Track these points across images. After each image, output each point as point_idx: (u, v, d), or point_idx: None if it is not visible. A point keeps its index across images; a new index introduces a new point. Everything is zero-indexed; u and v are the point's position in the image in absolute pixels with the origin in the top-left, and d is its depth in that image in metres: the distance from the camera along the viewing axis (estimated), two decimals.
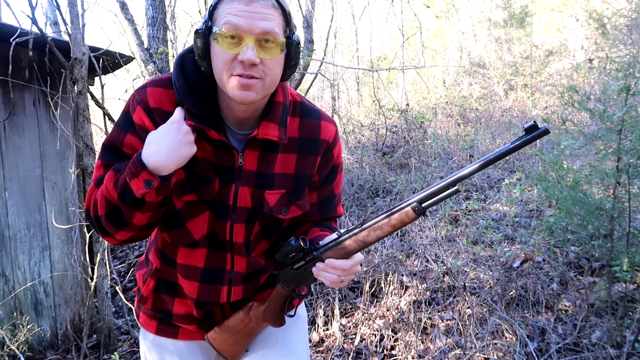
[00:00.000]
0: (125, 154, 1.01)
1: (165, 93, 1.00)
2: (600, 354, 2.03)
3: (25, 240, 2.87)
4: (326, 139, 1.09)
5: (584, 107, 2.19)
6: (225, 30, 0.88)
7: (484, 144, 5.71)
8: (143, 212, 0.95)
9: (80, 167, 3.00)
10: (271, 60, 0.92)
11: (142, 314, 1.21)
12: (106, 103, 3.29)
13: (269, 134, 0.99)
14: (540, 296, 2.55)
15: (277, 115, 1.01)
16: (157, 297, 1.15)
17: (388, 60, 10.81)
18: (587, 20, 6.85)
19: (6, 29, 2.58)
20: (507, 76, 8.47)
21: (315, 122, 1.09)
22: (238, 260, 1.09)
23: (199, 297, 1.09)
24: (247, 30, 0.88)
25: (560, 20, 9.62)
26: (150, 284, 1.14)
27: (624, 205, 2.12)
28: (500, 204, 3.92)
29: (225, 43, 0.89)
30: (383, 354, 2.47)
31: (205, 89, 0.99)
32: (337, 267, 1.00)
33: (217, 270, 1.09)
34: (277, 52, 0.92)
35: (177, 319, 1.15)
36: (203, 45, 0.93)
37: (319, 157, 1.09)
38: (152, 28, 4.23)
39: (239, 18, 0.88)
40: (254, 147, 1.02)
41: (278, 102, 1.02)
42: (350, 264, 1.00)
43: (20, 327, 2.65)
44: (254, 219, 1.06)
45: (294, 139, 1.06)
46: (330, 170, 1.14)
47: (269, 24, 0.89)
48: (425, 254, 3.20)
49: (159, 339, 1.19)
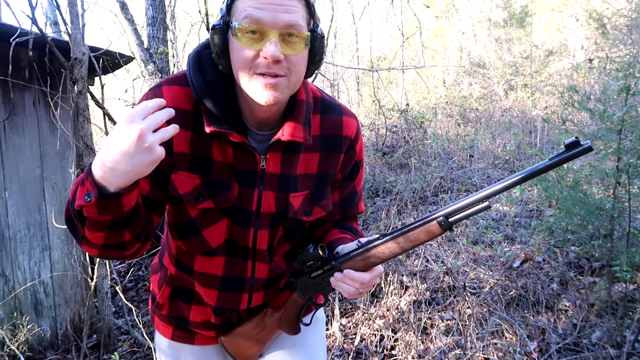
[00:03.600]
0: None
1: (182, 91, 0.92)
2: (600, 354, 2.03)
3: (25, 240, 2.87)
4: (349, 135, 1.04)
5: (584, 107, 2.19)
6: (246, 24, 0.81)
7: (484, 144, 5.71)
8: (90, 230, 0.80)
9: (80, 167, 3.00)
10: (296, 56, 0.85)
11: (157, 318, 1.16)
12: (106, 103, 3.29)
13: (294, 136, 0.92)
14: (540, 296, 2.55)
15: (302, 114, 0.95)
16: (173, 304, 1.11)
17: (388, 60, 10.81)
18: (587, 20, 6.85)
19: (6, 29, 2.58)
20: (507, 76, 8.47)
21: (337, 117, 1.03)
22: (259, 267, 1.04)
23: (218, 304, 1.05)
24: (270, 24, 0.81)
25: (560, 20, 9.62)
26: (166, 291, 1.09)
27: (624, 205, 2.12)
28: (500, 204, 3.92)
29: (246, 39, 0.82)
30: (383, 354, 2.47)
31: (224, 88, 0.92)
32: (355, 279, 0.94)
33: (237, 278, 1.04)
34: (302, 47, 0.85)
35: (194, 326, 1.11)
36: (221, 42, 0.86)
37: (342, 154, 1.04)
38: (152, 28, 4.23)
39: (260, 11, 0.80)
40: (277, 149, 0.95)
41: (301, 100, 0.96)
42: (369, 278, 0.95)
43: (20, 327, 2.65)
44: (278, 223, 1.02)
45: (316, 137, 1.00)
46: (353, 167, 1.08)
47: (293, 16, 0.82)
48: (425, 254, 3.20)
49: (175, 344, 1.15)
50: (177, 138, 0.92)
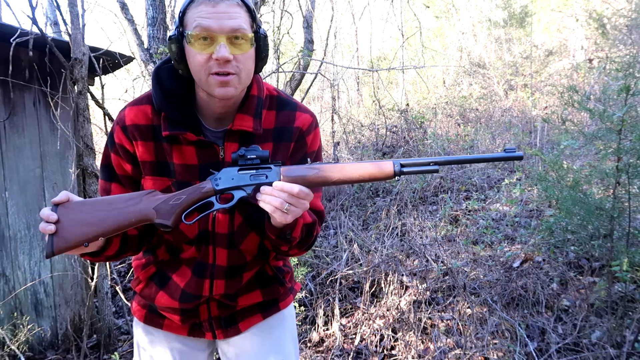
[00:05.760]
0: (116, 172, 1.11)
1: (140, 109, 1.08)
2: (600, 354, 2.03)
3: (26, 240, 2.87)
4: (300, 127, 1.12)
5: (584, 107, 2.19)
6: (197, 32, 0.93)
7: (484, 144, 5.71)
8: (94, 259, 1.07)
9: (80, 167, 3.00)
10: (243, 55, 0.97)
11: (134, 303, 1.26)
12: (106, 103, 3.29)
13: (243, 125, 1.04)
14: (540, 296, 2.55)
15: (252, 107, 1.07)
16: (148, 284, 1.18)
17: (388, 60, 10.81)
18: (587, 20, 6.86)
19: (6, 29, 2.58)
20: (507, 76, 8.47)
21: (290, 113, 1.13)
22: (219, 253, 1.11)
23: (186, 288, 1.12)
24: (217, 30, 0.93)
25: (560, 20, 9.62)
26: (150, 271, 1.18)
27: (623, 205, 2.12)
28: (500, 204, 3.92)
29: (199, 44, 0.94)
30: (383, 354, 2.47)
31: (181, 96, 1.05)
32: (284, 190, 0.92)
33: (201, 264, 1.12)
34: (248, 46, 0.97)
35: (160, 309, 1.18)
36: (178, 50, 0.99)
37: (292, 143, 1.12)
38: (152, 28, 4.23)
39: (208, 20, 0.93)
40: (232, 140, 1.07)
41: (253, 95, 1.08)
42: (298, 190, 0.93)
43: (20, 327, 2.65)
44: (234, 207, 1.08)
45: (270, 130, 1.10)
46: (303, 156, 1.14)
47: (236, 21, 0.94)
48: (425, 254, 3.20)
49: (148, 328, 1.23)
50: (140, 150, 1.07)
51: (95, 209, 0.97)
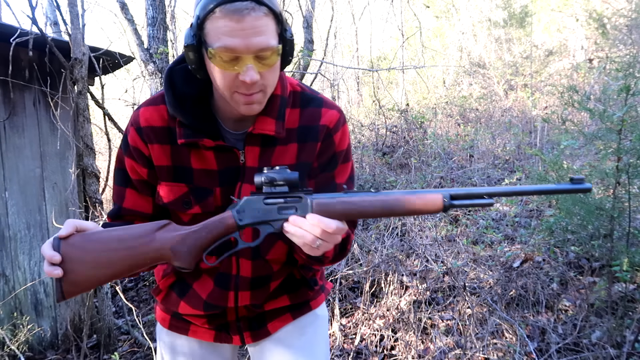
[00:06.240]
0: (129, 176, 1.04)
1: (155, 110, 1.01)
2: (600, 354, 2.03)
3: (26, 240, 2.87)
4: (326, 124, 1.04)
5: (584, 107, 2.19)
6: (222, 52, 0.85)
7: (484, 144, 5.71)
8: None
9: (80, 167, 3.00)
10: (269, 71, 0.90)
11: (158, 308, 1.21)
12: (106, 103, 3.29)
13: (265, 129, 0.97)
14: (540, 296, 2.55)
15: (274, 109, 0.99)
16: (168, 294, 1.13)
17: (388, 60, 10.81)
18: (587, 20, 6.86)
19: (6, 29, 2.58)
20: (507, 76, 8.47)
21: (316, 110, 1.04)
22: (243, 264, 1.05)
23: (209, 300, 1.08)
24: (244, 51, 0.85)
25: (560, 20, 9.62)
26: (169, 280, 1.12)
27: (624, 205, 2.12)
28: (500, 204, 3.92)
29: (223, 64, 0.87)
30: (383, 354, 2.47)
31: (195, 99, 0.98)
32: (319, 225, 0.82)
33: (224, 275, 1.06)
34: (275, 59, 0.89)
35: (185, 316, 1.14)
36: (196, 59, 0.91)
37: (318, 143, 1.04)
38: (152, 28, 4.23)
39: (233, 40, 0.84)
40: (253, 143, 1.00)
41: (276, 95, 1.00)
42: (335, 227, 0.83)
43: (20, 327, 2.65)
44: None
45: (294, 130, 1.03)
46: (331, 157, 1.06)
47: (264, 38, 0.85)
48: (425, 254, 3.20)
49: (172, 334, 1.18)
50: (156, 153, 1.00)
51: (106, 247, 0.86)
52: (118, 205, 1.06)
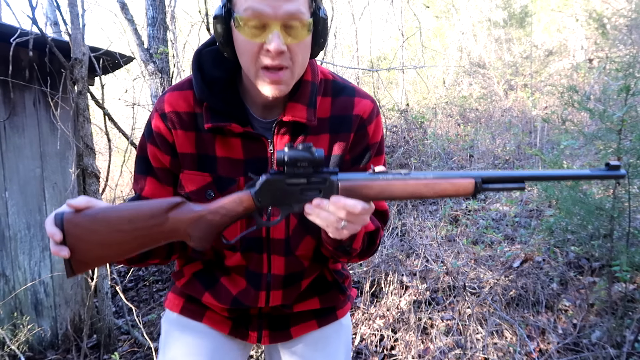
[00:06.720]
0: (151, 164, 0.99)
1: (181, 95, 0.96)
2: (600, 354, 2.03)
3: (26, 240, 2.87)
4: (360, 114, 0.98)
5: (584, 107, 2.19)
6: (248, 16, 0.81)
7: (484, 144, 5.71)
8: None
9: (80, 167, 3.00)
10: (298, 45, 0.84)
11: (170, 293, 1.13)
12: (106, 103, 3.28)
13: (295, 116, 0.92)
14: (540, 296, 2.55)
15: (305, 95, 0.94)
16: (192, 280, 1.07)
17: (388, 60, 10.81)
18: (587, 20, 6.86)
19: (6, 29, 2.58)
20: (507, 76, 8.48)
21: (348, 99, 0.99)
22: (275, 261, 1.00)
23: (238, 296, 1.03)
24: (271, 15, 0.80)
25: (560, 20, 9.62)
26: (195, 267, 1.07)
27: (623, 205, 2.12)
28: (500, 204, 3.92)
29: (249, 31, 0.82)
30: (383, 354, 2.47)
31: (224, 83, 0.94)
32: (344, 207, 0.78)
33: (254, 274, 1.01)
34: (305, 33, 0.83)
35: (206, 303, 1.08)
36: (224, 32, 0.86)
37: (351, 134, 0.98)
38: (152, 28, 4.23)
39: (261, 3, 0.80)
40: (283, 132, 0.95)
41: (306, 81, 0.95)
42: (361, 208, 0.78)
43: (20, 327, 2.65)
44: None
45: (326, 119, 0.97)
46: (364, 149, 1.01)
47: (294, 5, 0.80)
48: (425, 254, 3.20)
49: (183, 319, 1.09)
50: (180, 140, 0.95)
51: (113, 228, 0.82)
52: (137, 194, 1.02)
